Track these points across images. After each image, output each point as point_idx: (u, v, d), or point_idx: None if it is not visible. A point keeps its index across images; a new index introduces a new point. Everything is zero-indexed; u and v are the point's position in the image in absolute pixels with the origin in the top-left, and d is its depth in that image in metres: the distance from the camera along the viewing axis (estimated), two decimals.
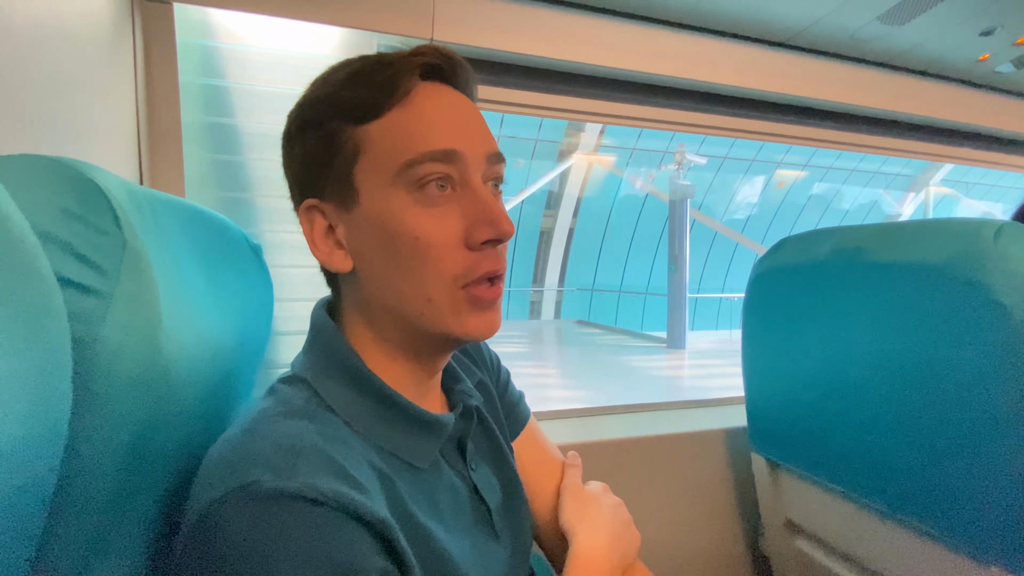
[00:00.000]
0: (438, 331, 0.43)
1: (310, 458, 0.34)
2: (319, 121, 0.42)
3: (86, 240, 0.30)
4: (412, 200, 0.40)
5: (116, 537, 0.34)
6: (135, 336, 0.31)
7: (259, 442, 0.35)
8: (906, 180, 13.13)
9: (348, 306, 0.47)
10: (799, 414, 0.88)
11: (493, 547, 0.50)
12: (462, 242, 0.41)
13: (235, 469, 0.33)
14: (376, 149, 0.41)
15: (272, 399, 0.41)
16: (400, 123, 0.41)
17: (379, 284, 0.43)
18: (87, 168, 0.33)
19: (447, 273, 0.41)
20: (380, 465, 0.41)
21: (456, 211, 0.41)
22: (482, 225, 0.41)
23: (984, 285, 0.59)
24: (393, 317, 0.44)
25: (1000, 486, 0.59)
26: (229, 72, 0.87)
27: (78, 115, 0.59)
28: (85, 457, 0.29)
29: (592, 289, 14.44)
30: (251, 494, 0.32)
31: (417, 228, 0.40)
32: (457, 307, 0.42)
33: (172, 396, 0.37)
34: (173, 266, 0.42)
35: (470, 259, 0.41)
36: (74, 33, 0.59)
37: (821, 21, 1.04)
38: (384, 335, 0.45)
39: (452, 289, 0.42)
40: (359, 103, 0.41)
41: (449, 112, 0.42)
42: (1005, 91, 1.37)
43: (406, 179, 0.40)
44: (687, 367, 8.57)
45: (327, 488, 0.33)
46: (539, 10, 0.95)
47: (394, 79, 0.41)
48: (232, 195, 0.90)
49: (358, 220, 0.42)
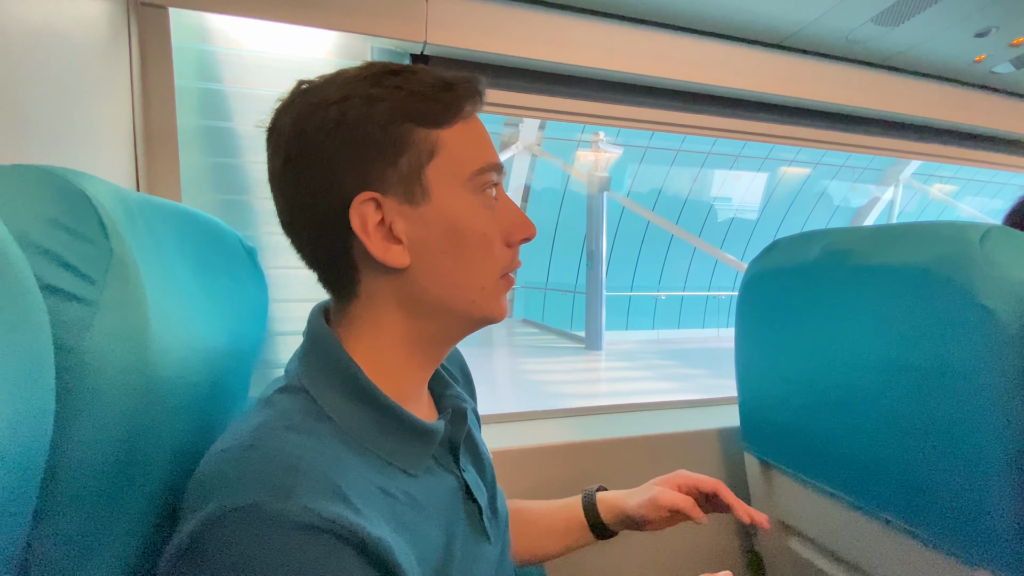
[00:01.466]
0: (482, 315, 0.48)
1: (309, 477, 0.35)
2: (387, 119, 0.43)
3: (72, 249, 0.31)
4: (479, 202, 0.46)
5: (105, 541, 0.34)
6: (122, 342, 0.32)
7: (258, 459, 0.35)
8: (876, 174, 12.92)
9: (374, 307, 0.46)
10: (791, 415, 0.88)
11: (485, 547, 0.52)
12: (504, 240, 0.48)
13: (233, 486, 0.34)
14: (448, 153, 0.45)
15: (271, 411, 0.41)
16: (467, 135, 0.46)
17: (436, 277, 0.46)
18: (75, 177, 0.34)
19: (498, 265, 0.48)
20: (377, 478, 0.42)
21: (498, 214, 0.48)
22: (519, 227, 0.49)
23: (970, 289, 0.59)
24: (439, 309, 0.47)
25: (985, 488, 0.59)
26: (225, 76, 0.88)
27: (74, 120, 0.60)
28: (72, 461, 0.30)
29: (527, 287, 13.71)
30: (248, 516, 0.32)
31: (484, 226, 0.46)
32: (498, 293, 0.49)
33: (162, 400, 0.38)
34: (164, 271, 0.43)
35: (509, 254, 0.49)
36: (70, 38, 0.60)
37: (815, 23, 1.04)
38: (417, 329, 0.47)
39: (497, 278, 0.48)
40: (433, 111, 0.44)
41: (486, 134, 0.49)
42: (1003, 91, 1.37)
43: (473, 184, 0.46)
44: (591, 371, 8.34)
45: (324, 511, 0.33)
46: (531, 13, 0.96)
47: (460, 99, 0.45)
48: (229, 198, 0.91)
49: (426, 216, 0.44)
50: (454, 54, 0.96)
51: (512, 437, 1.05)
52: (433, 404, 0.56)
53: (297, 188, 0.44)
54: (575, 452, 1.04)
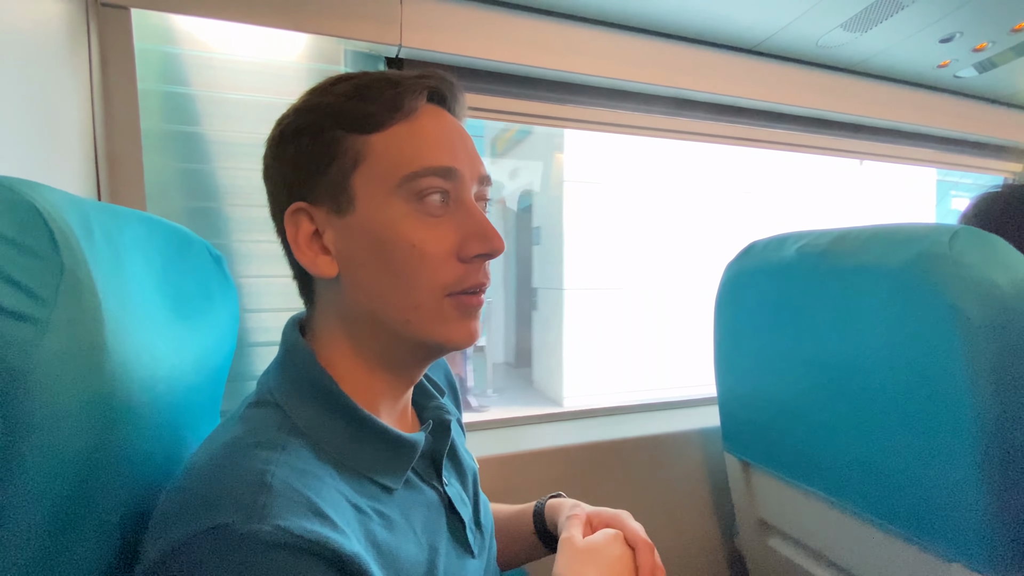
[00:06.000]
0: (423, 338, 0.44)
1: (281, 495, 0.34)
2: (318, 127, 0.43)
3: (20, 266, 0.29)
4: (411, 210, 0.42)
5: (64, 567, 0.32)
6: (74, 363, 0.30)
7: (228, 477, 0.34)
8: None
9: (326, 317, 0.46)
10: (769, 415, 0.89)
11: (468, 562, 0.50)
12: (454, 254, 0.43)
13: (202, 507, 0.32)
14: (377, 159, 0.42)
15: (242, 427, 0.40)
16: (404, 137, 0.42)
17: (366, 291, 0.44)
18: (23, 187, 0.32)
19: (438, 282, 0.43)
20: (351, 494, 0.40)
21: (451, 225, 0.43)
22: (475, 239, 0.43)
23: (940, 289, 0.60)
24: (376, 325, 0.44)
25: (958, 485, 0.60)
26: (193, 79, 0.85)
27: (27, 126, 0.57)
28: (21, 487, 0.28)
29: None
30: (219, 537, 0.31)
31: (413, 237, 0.42)
32: (443, 315, 0.43)
33: (122, 423, 0.36)
34: (124, 284, 0.41)
35: (461, 270, 0.43)
36: (23, 40, 0.57)
37: (786, 29, 1.05)
38: (363, 345, 0.45)
39: (439, 297, 0.43)
40: (364, 115, 0.42)
41: (449, 133, 0.44)
42: (967, 95, 1.41)
43: (406, 190, 0.42)
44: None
45: (298, 528, 0.32)
46: (507, 17, 0.95)
47: (401, 96, 0.43)
48: (199, 204, 0.88)
49: (351, 226, 0.43)
50: (430, 57, 0.95)
51: (493, 444, 1.04)
52: (416, 417, 0.55)
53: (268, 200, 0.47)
54: (556, 457, 1.04)
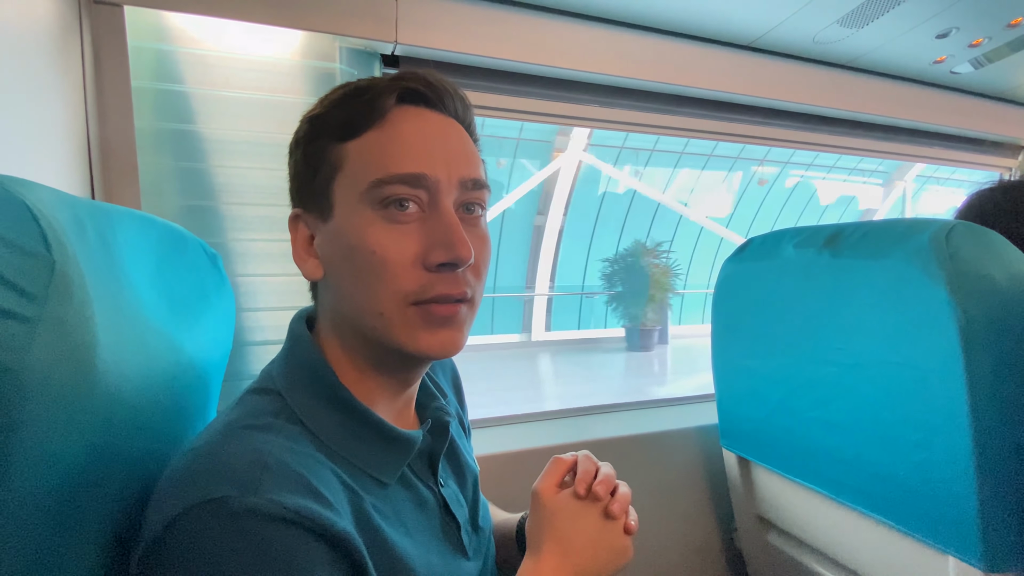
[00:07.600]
0: (390, 345, 0.44)
1: (276, 472, 0.35)
2: (310, 137, 0.45)
3: (10, 263, 0.28)
4: (377, 216, 0.42)
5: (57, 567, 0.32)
6: (67, 362, 0.30)
7: (225, 455, 0.36)
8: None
9: (323, 316, 0.49)
10: (767, 411, 0.89)
11: (462, 563, 0.50)
12: (419, 262, 0.42)
13: (200, 482, 0.33)
14: (351, 166, 0.43)
15: (240, 410, 0.42)
16: (375, 143, 0.43)
17: (342, 295, 0.45)
18: (13, 184, 0.32)
19: (399, 290, 0.42)
20: (347, 480, 0.41)
21: (419, 232, 0.42)
22: (438, 248, 0.42)
23: (936, 284, 0.60)
24: (353, 328, 0.46)
25: (954, 480, 0.60)
26: (187, 77, 0.85)
27: (20, 124, 0.57)
28: (16, 487, 0.28)
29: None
30: (216, 510, 0.32)
31: (375, 244, 0.41)
32: (409, 323, 0.43)
33: (116, 422, 0.36)
34: (117, 283, 0.40)
35: (424, 279, 0.42)
36: (16, 37, 0.57)
37: (783, 25, 1.05)
38: (350, 346, 0.46)
39: (403, 306, 0.42)
40: (342, 123, 0.44)
41: (424, 136, 0.43)
42: (963, 91, 1.41)
43: (372, 197, 0.42)
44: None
45: (292, 504, 0.33)
46: (503, 13, 0.95)
47: (372, 101, 0.43)
48: (194, 203, 0.88)
49: (331, 232, 0.44)
50: (425, 55, 0.94)
51: (491, 442, 1.03)
52: (416, 416, 0.55)
53: None
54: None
